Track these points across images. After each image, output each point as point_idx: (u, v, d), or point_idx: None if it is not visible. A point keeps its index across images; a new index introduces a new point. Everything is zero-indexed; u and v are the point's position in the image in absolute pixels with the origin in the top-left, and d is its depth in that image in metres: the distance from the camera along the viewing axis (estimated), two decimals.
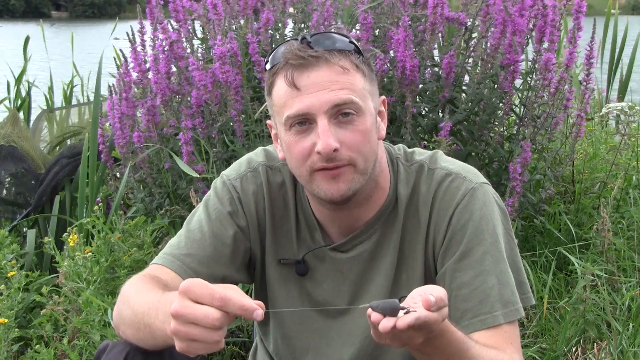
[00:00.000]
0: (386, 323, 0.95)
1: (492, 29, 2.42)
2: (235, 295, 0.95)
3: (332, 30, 1.24)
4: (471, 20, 2.49)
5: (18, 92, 4.46)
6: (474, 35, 2.51)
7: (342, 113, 1.17)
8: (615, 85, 4.62)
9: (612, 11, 4.79)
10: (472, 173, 1.30)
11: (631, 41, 4.70)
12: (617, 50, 4.49)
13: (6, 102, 4.50)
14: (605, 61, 4.66)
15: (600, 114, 3.74)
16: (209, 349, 0.96)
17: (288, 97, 1.18)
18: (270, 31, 2.54)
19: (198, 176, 2.35)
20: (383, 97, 1.29)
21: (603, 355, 2.09)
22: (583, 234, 2.63)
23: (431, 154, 1.34)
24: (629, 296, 2.29)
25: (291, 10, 2.65)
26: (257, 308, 0.94)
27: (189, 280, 0.97)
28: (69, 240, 2.26)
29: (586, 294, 2.15)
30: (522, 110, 2.64)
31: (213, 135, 2.50)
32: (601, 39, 4.72)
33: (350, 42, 1.21)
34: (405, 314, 0.95)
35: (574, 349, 2.14)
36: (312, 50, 1.17)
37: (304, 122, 1.18)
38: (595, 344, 2.14)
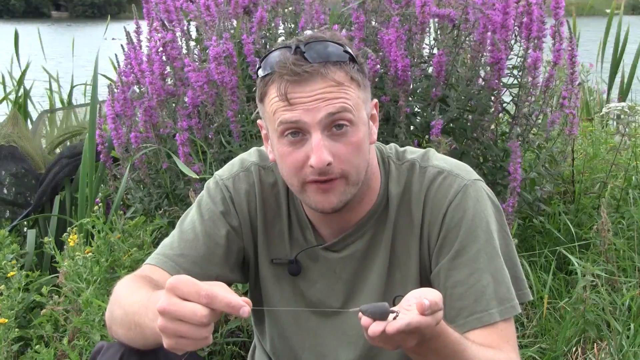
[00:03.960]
0: (375, 327, 0.95)
1: (476, 27, 2.42)
2: (222, 292, 0.95)
3: (327, 35, 1.21)
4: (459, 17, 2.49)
5: (16, 93, 4.46)
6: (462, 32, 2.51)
7: (335, 125, 1.16)
8: (616, 85, 4.62)
9: (615, 11, 4.78)
10: (464, 170, 1.30)
11: (631, 42, 4.70)
12: (619, 50, 4.48)
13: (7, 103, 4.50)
14: (606, 61, 4.66)
15: (601, 114, 3.74)
16: (196, 345, 0.96)
17: (280, 106, 1.16)
18: (262, 31, 2.54)
19: (197, 177, 2.35)
20: (375, 100, 1.28)
21: (603, 355, 2.09)
22: (583, 234, 2.63)
23: (423, 152, 1.34)
24: (629, 296, 2.29)
25: (281, 10, 2.65)
26: (243, 305, 0.94)
27: (176, 277, 0.97)
28: (69, 240, 2.25)
29: (586, 294, 2.15)
30: (514, 108, 2.65)
31: (210, 136, 2.50)
32: (602, 40, 4.72)
33: (345, 51, 1.19)
34: (395, 317, 0.95)
35: (574, 349, 2.14)
36: (307, 64, 1.15)
37: (297, 132, 1.17)
38: (595, 344, 2.14)
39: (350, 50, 1.20)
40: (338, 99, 1.16)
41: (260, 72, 1.20)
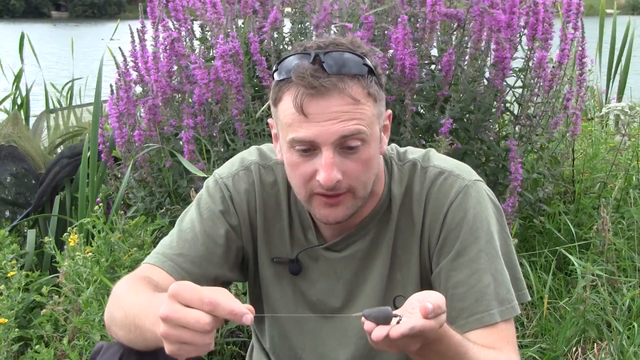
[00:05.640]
0: (379, 332, 0.94)
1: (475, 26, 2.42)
2: (225, 299, 0.94)
3: (347, 42, 1.19)
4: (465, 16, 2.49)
5: (17, 92, 4.45)
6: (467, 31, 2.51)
7: (347, 146, 1.15)
8: (615, 85, 4.62)
9: (611, 11, 4.78)
10: (465, 171, 1.30)
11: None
12: (617, 50, 4.48)
13: (7, 103, 4.49)
14: (604, 61, 4.66)
15: (600, 114, 3.74)
16: (199, 352, 0.96)
17: (295, 120, 1.15)
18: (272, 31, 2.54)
19: (204, 175, 2.34)
20: (389, 111, 1.27)
21: (603, 355, 2.09)
22: (583, 234, 2.63)
23: (424, 152, 1.34)
24: (630, 296, 2.29)
25: (288, 9, 2.65)
26: (246, 312, 0.93)
27: (178, 283, 0.96)
28: (69, 240, 2.25)
29: (586, 294, 2.15)
30: (517, 108, 2.65)
31: (214, 134, 2.50)
32: (599, 39, 4.71)
33: (364, 64, 1.16)
34: (398, 321, 0.94)
35: (574, 349, 2.14)
36: (325, 76, 1.12)
37: (308, 149, 1.16)
38: (595, 344, 2.14)
39: (369, 63, 1.17)
40: (352, 120, 1.14)
41: (276, 76, 1.19)
